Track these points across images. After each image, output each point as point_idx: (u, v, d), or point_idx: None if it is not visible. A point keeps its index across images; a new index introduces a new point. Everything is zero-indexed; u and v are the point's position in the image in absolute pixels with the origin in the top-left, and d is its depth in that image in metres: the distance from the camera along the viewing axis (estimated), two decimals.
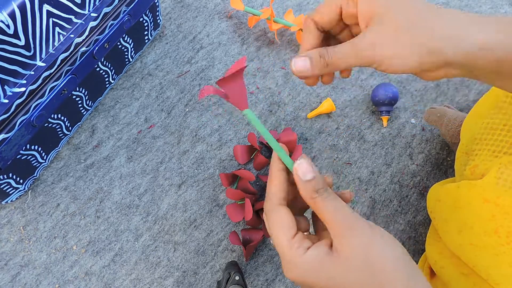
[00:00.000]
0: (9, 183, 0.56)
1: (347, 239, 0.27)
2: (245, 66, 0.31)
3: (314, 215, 0.32)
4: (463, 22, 0.28)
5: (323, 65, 0.31)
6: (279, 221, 0.29)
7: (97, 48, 0.57)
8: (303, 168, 0.28)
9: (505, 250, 0.36)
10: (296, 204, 0.32)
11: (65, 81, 0.54)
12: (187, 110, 0.70)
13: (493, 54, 0.28)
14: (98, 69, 0.62)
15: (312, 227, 0.34)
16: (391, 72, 0.30)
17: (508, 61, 0.29)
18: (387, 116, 0.69)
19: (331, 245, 0.28)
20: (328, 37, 0.34)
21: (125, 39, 0.65)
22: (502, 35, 0.28)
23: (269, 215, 0.30)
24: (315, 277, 0.27)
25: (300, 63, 0.31)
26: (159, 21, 0.73)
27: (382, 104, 0.67)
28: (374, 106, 0.71)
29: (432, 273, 0.50)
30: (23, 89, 0.49)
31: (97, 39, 0.57)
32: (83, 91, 0.61)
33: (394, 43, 0.28)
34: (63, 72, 0.54)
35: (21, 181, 0.59)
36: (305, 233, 0.32)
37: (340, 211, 0.27)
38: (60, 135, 0.62)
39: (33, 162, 0.59)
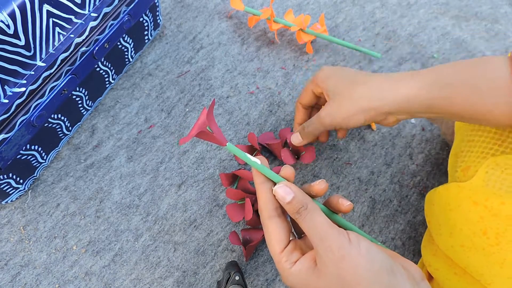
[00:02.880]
0: (9, 183, 0.56)
1: (320, 256, 0.28)
2: (213, 105, 0.34)
3: None
4: (387, 87, 0.39)
5: (307, 134, 0.48)
6: (269, 235, 0.31)
7: (97, 48, 0.57)
8: (281, 192, 0.30)
9: (494, 250, 0.36)
10: None
11: (65, 81, 0.54)
12: (187, 110, 0.70)
13: (418, 103, 0.38)
14: (98, 69, 0.62)
15: None
16: (350, 127, 0.43)
17: (435, 107, 0.38)
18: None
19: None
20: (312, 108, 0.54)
21: (125, 39, 0.65)
22: (419, 88, 0.38)
23: (263, 227, 0.32)
24: (303, 287, 0.29)
25: (294, 139, 0.51)
26: (159, 21, 0.73)
27: None
28: None
29: (430, 276, 0.50)
30: (23, 89, 0.49)
31: (97, 39, 0.57)
32: (83, 91, 0.61)
33: (343, 110, 0.41)
34: (63, 72, 0.54)
35: (21, 181, 0.59)
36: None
37: (315, 229, 0.29)
38: (60, 135, 0.62)
39: (33, 162, 0.59)
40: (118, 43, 0.64)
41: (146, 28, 0.70)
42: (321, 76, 0.44)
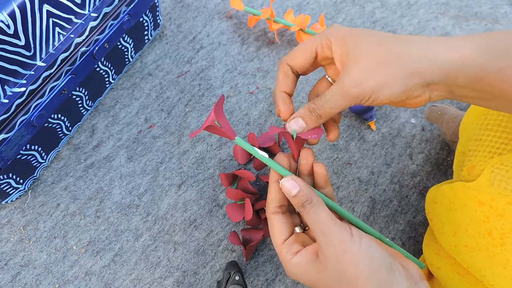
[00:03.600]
0: (9, 183, 0.56)
1: (322, 249, 0.28)
2: (223, 100, 0.33)
3: None
4: (436, 44, 0.30)
5: (317, 118, 0.32)
6: (271, 228, 0.32)
7: (97, 48, 0.57)
8: (287, 185, 0.31)
9: (498, 251, 0.36)
10: None
11: (65, 81, 0.54)
12: (187, 110, 0.70)
13: (467, 73, 0.29)
14: (98, 69, 0.62)
15: None
16: (378, 103, 0.31)
17: (483, 80, 0.29)
18: (373, 120, 0.69)
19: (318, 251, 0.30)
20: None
21: (125, 39, 0.65)
22: (477, 55, 0.29)
23: (267, 220, 0.33)
24: (303, 279, 0.30)
25: (295, 126, 0.32)
26: (159, 21, 0.73)
27: (361, 113, 0.68)
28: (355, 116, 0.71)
29: (430, 275, 0.50)
30: (23, 89, 0.49)
31: (97, 39, 0.57)
32: (83, 91, 0.61)
33: (377, 75, 0.29)
34: (63, 72, 0.54)
35: (21, 181, 0.59)
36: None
37: (318, 223, 0.29)
38: (60, 135, 0.62)
39: (33, 162, 0.59)
40: (118, 43, 0.64)
41: (146, 28, 0.70)
42: (338, 32, 0.31)
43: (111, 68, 0.66)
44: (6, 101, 0.48)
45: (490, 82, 0.29)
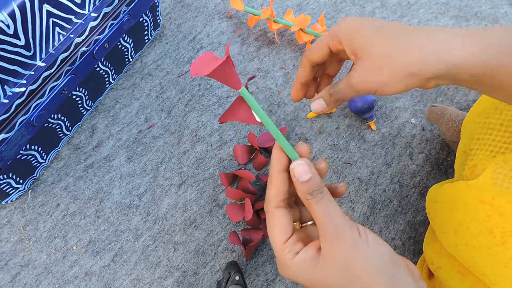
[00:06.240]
0: (9, 183, 0.56)
1: (331, 243, 0.28)
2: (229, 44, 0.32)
3: None
4: (439, 40, 0.31)
5: (334, 101, 0.37)
6: (273, 225, 0.30)
7: (97, 48, 0.57)
8: (299, 169, 0.29)
9: (499, 250, 0.36)
10: None
11: (65, 81, 0.54)
12: (187, 110, 0.70)
13: (469, 70, 0.30)
14: (98, 69, 0.62)
15: None
16: (387, 95, 0.34)
17: (486, 75, 0.30)
18: (373, 120, 0.69)
19: (320, 247, 0.29)
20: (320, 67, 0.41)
21: (125, 39, 0.65)
22: (476, 51, 0.30)
23: (267, 216, 0.31)
24: (303, 278, 0.29)
25: (317, 106, 0.38)
26: (159, 21, 0.73)
27: (362, 113, 0.68)
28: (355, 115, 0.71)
29: (430, 274, 0.50)
30: (23, 89, 0.49)
31: (97, 39, 0.57)
32: (83, 91, 0.61)
33: (379, 75, 0.32)
34: (63, 72, 0.54)
35: (21, 181, 0.59)
36: (309, 223, 0.33)
37: (329, 215, 0.28)
38: (60, 135, 0.62)
39: (33, 162, 0.59)
40: (118, 43, 0.64)
41: (146, 28, 0.70)
42: (346, 29, 0.34)
43: (111, 68, 0.66)
44: (6, 101, 0.48)
45: (496, 77, 0.30)
